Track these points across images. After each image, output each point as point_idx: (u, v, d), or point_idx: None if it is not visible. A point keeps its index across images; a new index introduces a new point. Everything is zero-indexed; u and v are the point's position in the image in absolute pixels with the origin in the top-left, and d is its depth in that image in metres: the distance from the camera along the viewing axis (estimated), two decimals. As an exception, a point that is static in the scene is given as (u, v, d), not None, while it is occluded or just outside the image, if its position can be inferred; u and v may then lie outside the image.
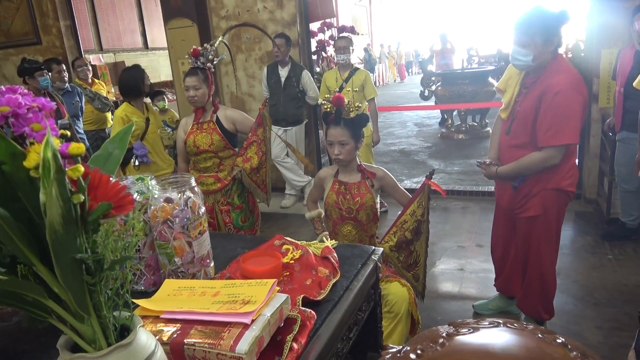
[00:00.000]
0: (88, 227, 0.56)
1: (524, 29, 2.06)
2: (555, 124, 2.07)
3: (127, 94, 3.35)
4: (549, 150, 2.13)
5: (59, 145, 0.52)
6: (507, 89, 2.31)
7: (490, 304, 2.81)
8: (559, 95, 2.04)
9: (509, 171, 2.29)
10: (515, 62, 2.14)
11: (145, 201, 1.24)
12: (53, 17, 5.96)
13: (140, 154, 3.22)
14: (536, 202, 2.27)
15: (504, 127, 2.33)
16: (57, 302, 0.59)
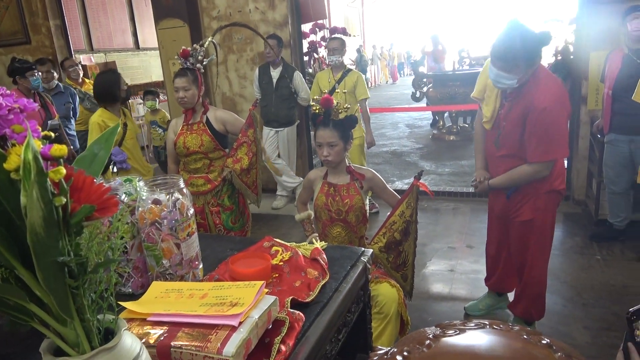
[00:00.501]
0: (71, 229, 0.55)
1: (507, 58, 2.01)
2: (544, 141, 2.10)
3: (101, 100, 3.23)
4: (539, 165, 2.17)
5: (40, 147, 0.51)
6: (487, 100, 2.31)
7: (480, 304, 2.83)
8: (545, 112, 2.05)
9: (500, 183, 2.33)
10: (499, 85, 2.13)
11: (133, 203, 1.23)
12: (43, 16, 5.91)
13: (119, 160, 3.11)
14: (530, 206, 2.31)
15: (490, 138, 2.35)
16: (40, 306, 0.59)
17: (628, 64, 3.16)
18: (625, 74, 3.17)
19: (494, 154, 2.35)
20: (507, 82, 2.07)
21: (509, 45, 2.01)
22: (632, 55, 3.14)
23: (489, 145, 2.39)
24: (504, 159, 2.29)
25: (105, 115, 3.18)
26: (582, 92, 4.06)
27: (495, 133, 2.29)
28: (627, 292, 2.89)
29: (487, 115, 2.31)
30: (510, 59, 2.01)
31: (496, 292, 2.78)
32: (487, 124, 2.33)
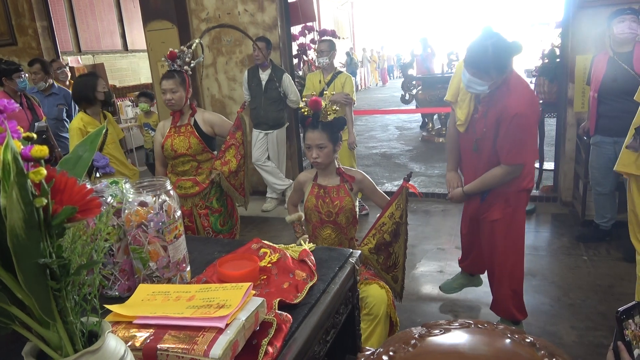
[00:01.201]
0: (52, 231, 0.55)
1: (479, 65, 2.07)
2: (516, 145, 2.18)
3: (78, 102, 3.21)
4: (511, 167, 2.25)
5: (20, 148, 0.51)
6: (461, 104, 2.37)
7: (454, 282, 2.94)
8: (517, 117, 2.12)
9: (474, 188, 2.41)
10: (471, 90, 2.20)
11: (119, 205, 1.22)
12: (29, 17, 5.85)
13: (101, 165, 3.08)
14: (499, 206, 2.39)
15: (467, 143, 2.41)
16: (21, 308, 0.58)
17: (613, 67, 3.20)
18: (610, 77, 3.21)
19: (473, 158, 2.40)
20: (479, 87, 2.15)
21: (482, 54, 2.07)
22: (616, 59, 3.18)
23: (465, 150, 2.45)
24: (481, 165, 2.35)
25: (85, 119, 3.15)
26: (569, 94, 4.11)
27: (472, 137, 2.34)
28: (614, 291, 2.93)
29: (461, 118, 2.36)
30: (482, 67, 2.08)
31: (469, 273, 2.90)
32: (461, 127, 2.39)
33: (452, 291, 2.93)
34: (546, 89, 4.45)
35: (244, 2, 4.85)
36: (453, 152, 2.53)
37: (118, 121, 7.36)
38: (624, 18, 3.13)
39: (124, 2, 9.62)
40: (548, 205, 4.45)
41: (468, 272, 2.90)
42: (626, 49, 3.17)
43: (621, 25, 3.14)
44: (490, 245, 2.49)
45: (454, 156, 2.53)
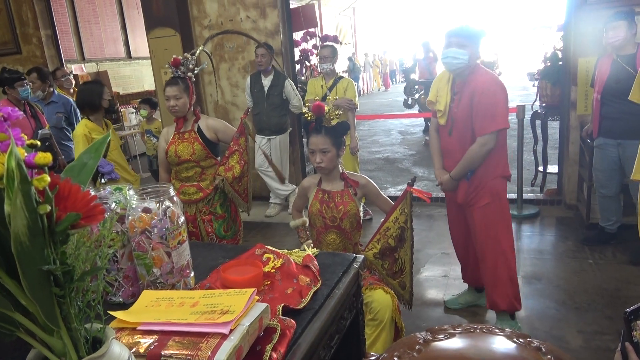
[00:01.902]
0: (56, 237, 0.55)
1: (462, 34, 2.39)
2: (487, 115, 2.37)
3: (82, 108, 3.25)
4: (484, 138, 2.39)
5: (24, 155, 0.51)
6: (440, 99, 2.56)
7: (459, 298, 2.95)
8: (485, 91, 2.37)
9: (460, 171, 2.52)
10: (453, 61, 2.38)
11: (123, 211, 1.22)
12: (33, 26, 5.89)
13: (107, 171, 3.12)
14: (488, 190, 2.52)
15: (444, 131, 2.58)
16: (25, 315, 0.58)
17: (616, 69, 3.20)
18: (613, 79, 3.21)
19: (449, 145, 2.58)
20: (462, 57, 2.35)
21: (462, 27, 2.43)
22: (620, 61, 3.18)
23: (443, 138, 2.61)
24: (458, 148, 2.51)
25: (90, 126, 3.19)
26: (572, 97, 4.11)
27: (448, 125, 2.54)
28: (620, 295, 2.91)
29: (441, 109, 2.54)
30: (463, 34, 2.39)
31: (475, 289, 2.91)
32: (441, 118, 2.56)
33: (457, 307, 2.93)
34: (549, 92, 4.45)
35: (246, 9, 4.88)
36: (436, 152, 2.71)
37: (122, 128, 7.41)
38: (615, 25, 3.14)
39: (127, 10, 9.69)
40: (552, 208, 4.43)
41: (473, 285, 2.91)
42: (629, 50, 3.17)
43: (612, 32, 3.16)
44: (484, 232, 2.56)
45: (438, 156, 2.70)
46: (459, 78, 2.47)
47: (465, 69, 2.41)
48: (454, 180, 2.58)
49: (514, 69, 17.94)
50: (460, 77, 2.46)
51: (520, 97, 11.28)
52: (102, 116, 3.30)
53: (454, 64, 2.39)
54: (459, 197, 2.61)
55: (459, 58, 2.36)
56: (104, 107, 3.28)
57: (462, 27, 2.42)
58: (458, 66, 2.39)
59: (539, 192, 4.79)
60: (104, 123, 3.33)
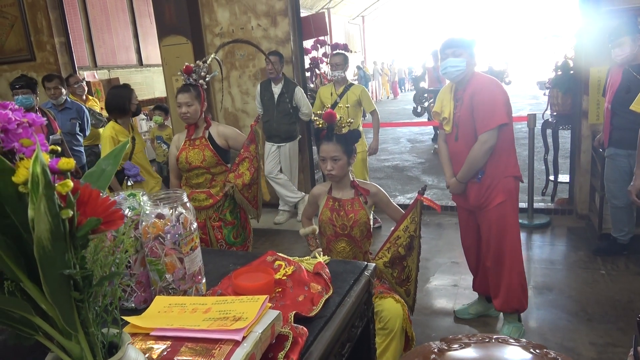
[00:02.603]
0: (77, 242, 0.55)
1: (455, 44, 2.48)
2: (486, 112, 2.43)
3: (111, 112, 3.34)
4: (484, 135, 2.44)
5: (48, 161, 0.52)
6: (443, 109, 2.65)
7: (470, 308, 2.93)
8: (482, 90, 2.46)
9: (465, 172, 2.55)
10: (451, 69, 2.47)
11: (137, 217, 1.23)
12: (48, 33, 5.98)
13: (133, 174, 3.24)
14: (500, 189, 2.54)
15: (451, 138, 2.63)
16: (44, 319, 0.58)
17: (627, 79, 3.18)
18: (623, 89, 3.19)
19: (456, 150, 2.61)
20: (459, 64, 2.44)
21: (457, 38, 2.53)
22: (631, 70, 3.16)
23: (451, 145, 2.65)
24: (465, 149, 2.53)
25: (116, 128, 3.28)
26: (583, 106, 4.08)
27: (454, 131, 2.59)
28: (633, 307, 2.86)
29: (446, 116, 2.61)
30: (457, 43, 2.48)
31: (486, 298, 2.88)
32: (447, 126, 2.62)
33: (467, 316, 2.92)
34: (560, 100, 4.42)
35: (257, 17, 4.92)
36: (446, 161, 2.73)
37: (132, 134, 7.47)
38: (620, 42, 3.13)
39: (139, 18, 9.81)
40: (563, 218, 4.39)
41: (484, 294, 2.87)
42: None
43: (618, 50, 3.16)
44: (498, 233, 2.57)
45: (448, 165, 2.72)
46: (460, 86, 2.55)
47: (465, 76, 2.49)
48: (461, 182, 2.61)
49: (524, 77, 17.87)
50: (461, 84, 2.54)
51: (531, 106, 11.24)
52: (129, 119, 3.40)
53: (454, 72, 2.47)
54: (470, 199, 2.62)
55: (457, 66, 2.46)
56: (132, 111, 3.39)
57: (454, 39, 2.53)
58: (457, 74, 2.47)
59: (549, 202, 4.75)
60: (130, 126, 3.42)
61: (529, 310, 2.95)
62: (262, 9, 4.88)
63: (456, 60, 2.45)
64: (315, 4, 15.03)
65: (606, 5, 3.78)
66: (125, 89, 3.42)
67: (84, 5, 8.46)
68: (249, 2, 4.91)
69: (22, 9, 5.93)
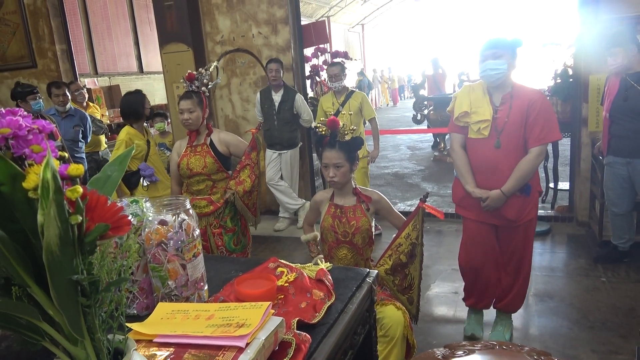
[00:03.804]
0: (85, 248, 0.56)
1: (498, 45, 2.38)
2: (547, 125, 2.38)
3: (127, 117, 3.47)
4: (540, 148, 2.38)
5: (58, 167, 0.52)
6: (478, 110, 2.44)
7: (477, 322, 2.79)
8: (544, 104, 2.40)
9: (514, 185, 2.40)
10: (491, 72, 2.36)
11: (140, 223, 1.23)
12: (49, 41, 6.01)
13: (148, 174, 3.37)
14: (533, 205, 2.52)
15: (488, 143, 2.42)
16: (51, 325, 0.59)
17: (624, 87, 3.19)
18: (621, 97, 3.20)
19: (492, 158, 2.42)
20: (500, 67, 2.34)
21: (496, 39, 2.42)
22: (629, 79, 3.16)
23: (484, 152, 2.45)
24: (506, 160, 2.41)
25: (132, 132, 3.41)
26: (583, 114, 4.10)
27: (494, 136, 2.42)
28: (634, 314, 2.86)
29: (487, 117, 2.41)
30: (497, 45, 2.38)
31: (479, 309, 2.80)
32: (485, 129, 2.42)
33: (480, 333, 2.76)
34: (559, 108, 4.44)
35: (258, 25, 4.95)
36: (467, 169, 2.52)
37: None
38: (613, 52, 3.15)
39: (140, 26, 9.86)
40: (564, 225, 4.39)
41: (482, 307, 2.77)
42: (637, 68, 3.15)
43: (611, 59, 3.18)
44: (523, 246, 2.57)
45: (469, 173, 2.51)
46: (501, 89, 2.42)
47: (506, 80, 2.39)
48: (506, 196, 2.41)
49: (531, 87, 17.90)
50: (502, 88, 2.41)
51: (530, 114, 11.22)
52: (143, 123, 3.54)
53: (493, 76, 2.36)
54: (509, 214, 2.46)
55: (497, 69, 2.34)
56: (146, 115, 3.54)
57: (495, 39, 2.41)
58: (497, 77, 2.36)
59: (550, 209, 4.76)
60: (145, 130, 3.55)
61: (530, 317, 2.95)
62: (263, 17, 4.91)
63: (496, 63, 2.33)
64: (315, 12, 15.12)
65: (604, 13, 3.81)
66: (138, 95, 3.53)
67: (85, 13, 8.51)
68: (250, 10, 4.94)
69: (24, 17, 5.96)
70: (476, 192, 2.47)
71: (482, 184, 2.48)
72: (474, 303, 2.77)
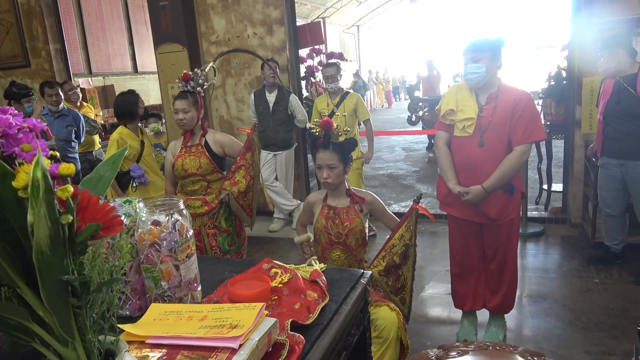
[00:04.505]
0: (75, 248, 0.55)
1: (476, 48, 2.42)
2: (531, 124, 2.40)
3: (121, 117, 3.46)
4: (524, 147, 2.40)
5: (49, 166, 0.52)
6: (463, 109, 2.47)
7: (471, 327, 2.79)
8: (529, 103, 2.42)
9: (496, 182, 2.41)
10: (471, 76, 2.41)
11: (133, 224, 1.22)
12: (43, 40, 5.98)
13: (137, 175, 3.34)
14: (515, 205, 2.53)
15: (472, 141, 2.44)
16: (41, 326, 0.58)
17: (618, 89, 3.21)
18: (614, 99, 3.22)
19: (476, 156, 2.44)
20: (478, 70, 2.38)
21: (477, 41, 2.45)
22: (622, 81, 3.19)
23: (468, 151, 2.47)
24: (489, 158, 2.42)
25: (124, 132, 3.39)
26: (576, 116, 4.12)
27: (477, 135, 2.44)
28: (627, 315, 2.88)
29: (471, 116, 2.44)
30: (475, 48, 2.42)
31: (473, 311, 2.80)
32: (470, 128, 2.45)
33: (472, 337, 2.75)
34: (553, 110, 4.47)
35: (253, 26, 4.94)
36: (450, 167, 2.55)
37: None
38: (607, 55, 3.16)
39: (134, 25, 9.82)
40: (557, 227, 4.41)
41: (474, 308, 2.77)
42: (630, 71, 3.17)
43: (601, 62, 3.19)
44: (506, 246, 2.58)
45: (452, 171, 2.55)
46: (487, 89, 2.45)
47: (490, 79, 2.42)
48: (487, 192, 2.42)
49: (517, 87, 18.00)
50: (488, 87, 2.44)
51: (524, 116, 11.27)
52: (137, 123, 3.52)
53: (473, 79, 2.41)
54: (491, 213, 2.47)
55: (475, 72, 2.39)
56: (140, 115, 3.52)
57: (473, 42, 2.44)
58: (477, 80, 2.40)
59: (543, 211, 4.78)
60: (139, 130, 3.53)
61: (524, 318, 2.95)
62: (259, 17, 4.91)
63: (475, 67, 2.38)
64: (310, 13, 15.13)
65: (597, 17, 3.84)
66: (131, 95, 3.51)
67: (80, 12, 8.47)
68: (245, 11, 4.94)
69: (18, 16, 5.92)
70: (456, 189, 2.48)
71: (465, 183, 2.49)
72: (462, 304, 2.78)
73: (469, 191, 2.43)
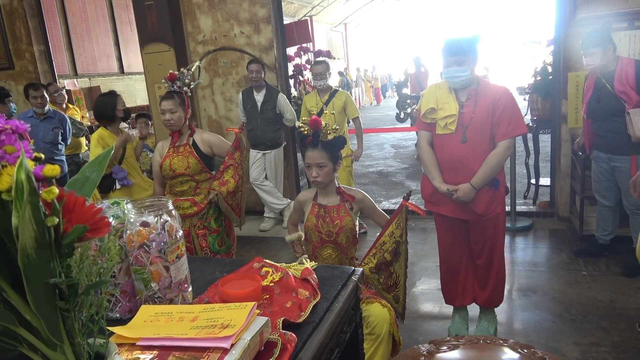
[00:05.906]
0: (62, 250, 0.55)
1: (459, 51, 2.40)
2: (514, 119, 2.43)
3: (100, 119, 3.44)
4: (508, 142, 2.42)
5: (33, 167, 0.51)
6: (444, 106, 2.47)
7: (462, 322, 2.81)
8: (509, 99, 2.44)
9: (483, 178, 2.42)
10: (456, 79, 2.41)
11: (121, 225, 1.21)
12: (26, 41, 5.89)
13: (120, 177, 3.31)
14: (500, 200, 2.54)
15: (454, 138, 2.45)
16: (29, 330, 0.57)
17: (598, 88, 3.21)
18: (594, 99, 3.24)
19: (460, 153, 2.44)
20: (463, 74, 2.39)
21: (457, 42, 2.44)
22: (602, 79, 3.18)
23: (451, 148, 2.46)
24: (473, 154, 2.43)
25: (104, 134, 3.38)
26: (562, 111, 4.16)
27: (459, 131, 2.45)
28: (615, 306, 2.92)
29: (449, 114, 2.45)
30: (457, 52, 2.40)
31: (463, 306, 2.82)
32: (452, 125, 2.45)
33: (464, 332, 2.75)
34: (539, 105, 4.51)
35: (240, 25, 4.92)
36: (434, 165, 2.54)
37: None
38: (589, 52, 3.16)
39: (120, 26, 9.73)
40: (545, 221, 4.46)
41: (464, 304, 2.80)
42: (610, 68, 3.14)
43: (588, 59, 3.19)
44: (494, 239, 2.59)
45: (436, 169, 2.54)
46: (468, 87, 2.47)
47: (471, 81, 2.44)
48: (476, 189, 2.42)
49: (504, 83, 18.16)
50: (468, 86, 2.47)
51: (511, 111, 11.37)
52: (118, 125, 3.49)
53: (458, 82, 2.42)
54: (478, 209, 2.47)
55: (461, 75, 2.40)
56: (120, 117, 3.47)
57: (454, 45, 2.42)
58: (462, 82, 2.42)
59: (531, 205, 4.83)
60: (120, 132, 3.50)
61: (514, 312, 2.98)
62: (245, 16, 4.89)
63: (460, 69, 2.38)
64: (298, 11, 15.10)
65: (581, 12, 3.88)
66: (110, 97, 3.46)
67: (64, 13, 8.36)
68: (231, 10, 4.91)
69: (0, 17, 5.83)
70: (443, 187, 2.48)
71: (450, 180, 2.49)
72: (453, 300, 2.80)
73: (458, 189, 2.43)
